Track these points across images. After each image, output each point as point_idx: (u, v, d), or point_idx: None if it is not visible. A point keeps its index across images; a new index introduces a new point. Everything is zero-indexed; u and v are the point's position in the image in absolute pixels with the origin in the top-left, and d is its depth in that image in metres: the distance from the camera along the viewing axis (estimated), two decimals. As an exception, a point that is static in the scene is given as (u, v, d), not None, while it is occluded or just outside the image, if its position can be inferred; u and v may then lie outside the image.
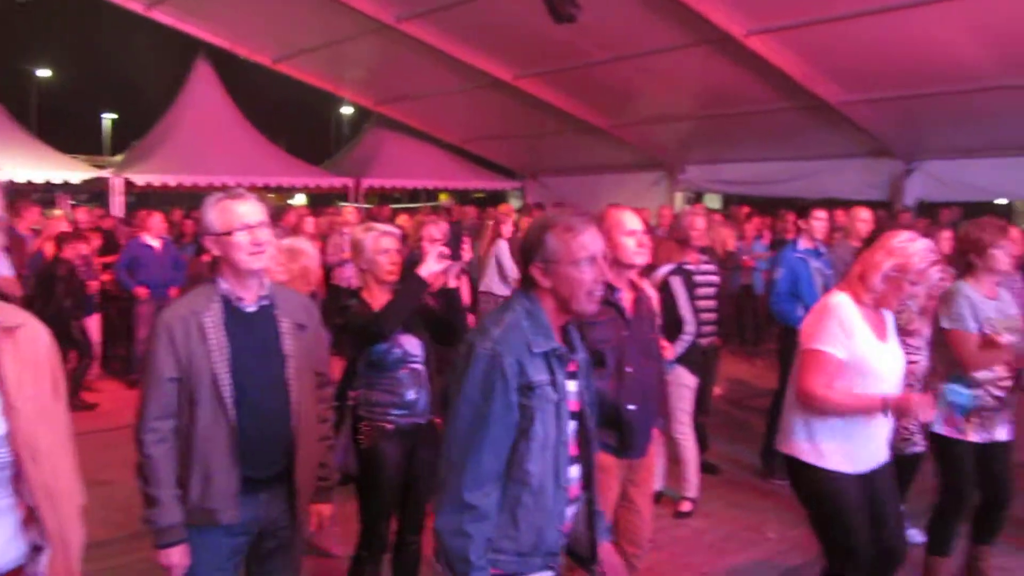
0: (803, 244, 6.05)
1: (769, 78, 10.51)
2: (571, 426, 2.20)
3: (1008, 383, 3.90)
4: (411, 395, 3.44)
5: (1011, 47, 8.88)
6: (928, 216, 10.97)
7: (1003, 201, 12.87)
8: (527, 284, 2.19)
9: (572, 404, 2.20)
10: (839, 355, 3.08)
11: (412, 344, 3.47)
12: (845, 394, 3.09)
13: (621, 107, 13.21)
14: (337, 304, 3.51)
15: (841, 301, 3.15)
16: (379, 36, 12.24)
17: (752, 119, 12.08)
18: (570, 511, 2.24)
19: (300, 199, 22.51)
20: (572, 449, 2.20)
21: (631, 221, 3.42)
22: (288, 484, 2.76)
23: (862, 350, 3.09)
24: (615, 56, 11.16)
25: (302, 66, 14.97)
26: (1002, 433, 3.93)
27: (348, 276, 8.97)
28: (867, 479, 3.21)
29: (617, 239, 3.34)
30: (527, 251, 2.18)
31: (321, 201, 19.80)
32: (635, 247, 3.38)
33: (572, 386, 2.21)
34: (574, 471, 2.22)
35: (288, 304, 2.83)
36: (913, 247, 3.09)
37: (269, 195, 16.25)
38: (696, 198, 15.12)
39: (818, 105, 11.03)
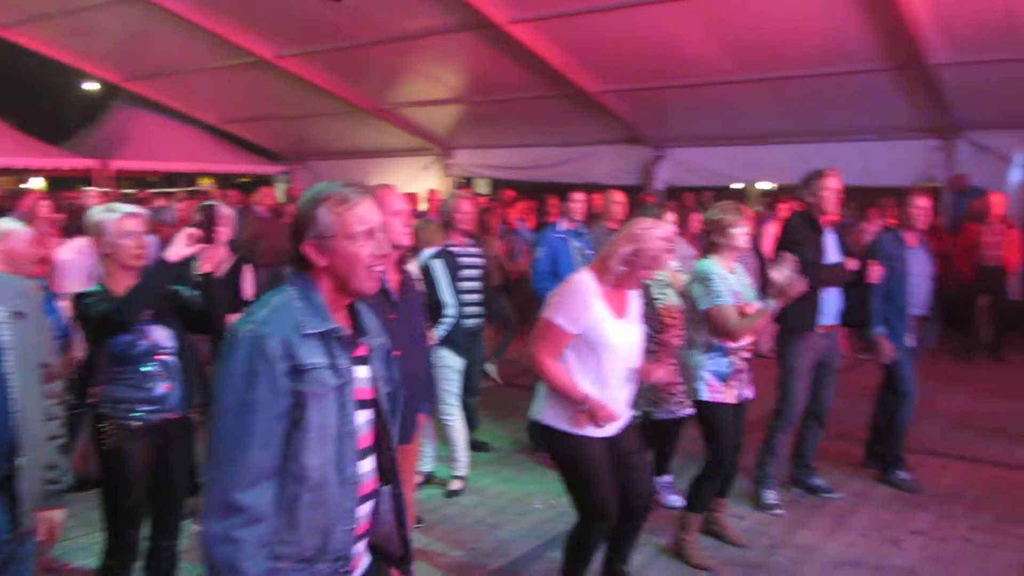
0: (563, 225, 6.33)
1: (533, 66, 10.86)
2: (362, 415, 2.03)
3: (751, 348, 4.32)
4: (160, 389, 3.19)
5: (742, 46, 9.79)
6: (676, 199, 11.84)
7: (739, 185, 14.16)
8: (300, 263, 2.01)
9: (363, 391, 2.04)
10: (569, 328, 3.27)
11: (161, 335, 3.22)
12: (561, 373, 3.30)
13: (388, 90, 13.13)
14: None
15: (583, 278, 3.34)
16: (127, 5, 11.30)
17: (518, 106, 12.45)
18: (364, 509, 2.05)
19: (38, 182, 20.36)
20: (364, 440, 2.04)
21: (397, 201, 3.37)
22: (8, 491, 2.46)
23: (597, 325, 3.28)
24: (380, 38, 11.05)
25: (36, 34, 13.50)
26: (749, 392, 4.34)
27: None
28: (613, 441, 3.42)
29: (383, 219, 3.27)
30: (298, 227, 1.99)
31: (64, 184, 18.04)
32: (401, 227, 3.34)
33: (362, 372, 2.05)
34: (366, 464, 2.04)
35: (2, 291, 2.52)
36: (650, 234, 3.30)
37: (-1, 177, 14.56)
38: (467, 183, 15.37)
39: (578, 94, 11.55)
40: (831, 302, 4.99)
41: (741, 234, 4.28)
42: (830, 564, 4.31)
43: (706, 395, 4.22)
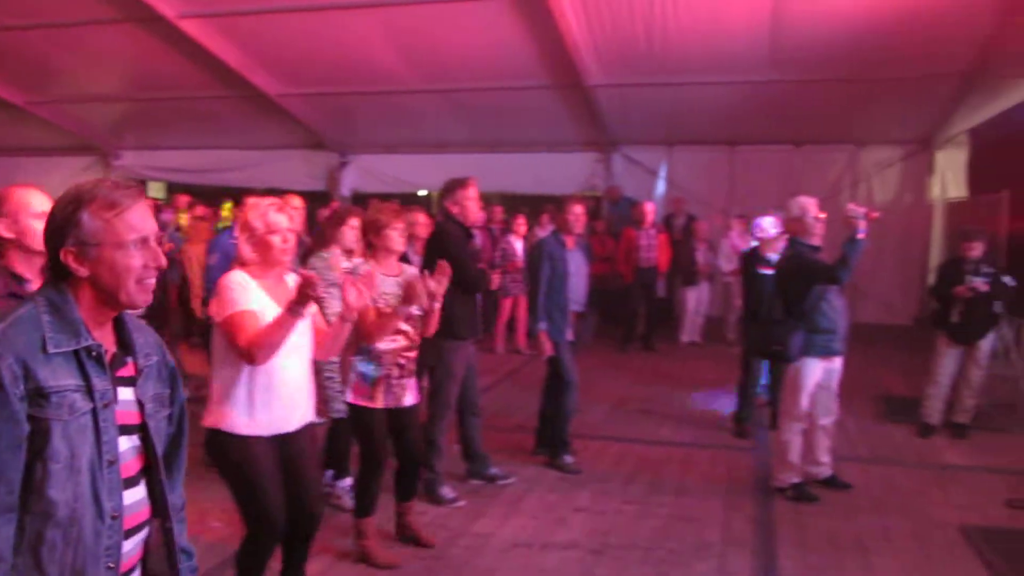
0: (238, 231, 6.08)
1: (208, 65, 10.32)
2: (125, 442, 1.81)
3: (411, 353, 4.33)
4: None
5: (421, 57, 10.09)
6: (362, 206, 11.90)
7: (424, 192, 14.57)
8: (56, 272, 1.76)
9: (127, 415, 1.81)
10: (253, 307, 3.17)
11: None
12: (265, 329, 3.13)
13: (40, 82, 11.77)
14: None
15: (232, 275, 3.26)
16: None
17: (192, 105, 11.77)
18: (131, 543, 1.84)
19: None
20: (128, 469, 1.81)
21: (39, 202, 3.02)
22: None
23: (262, 316, 3.19)
24: (30, 23, 9.88)
25: None
26: (409, 399, 4.34)
27: None
28: (281, 443, 3.32)
29: (24, 222, 2.91)
30: (55, 233, 1.74)
31: None
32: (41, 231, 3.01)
33: (127, 394, 1.82)
34: (133, 495, 1.83)
35: None
36: (253, 205, 3.31)
37: None
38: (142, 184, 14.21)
39: (257, 96, 11.19)
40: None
41: (397, 236, 4.27)
42: (504, 547, 4.57)
43: (349, 396, 4.23)
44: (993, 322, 6.69)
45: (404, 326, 4.20)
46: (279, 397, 3.27)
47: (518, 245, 10.02)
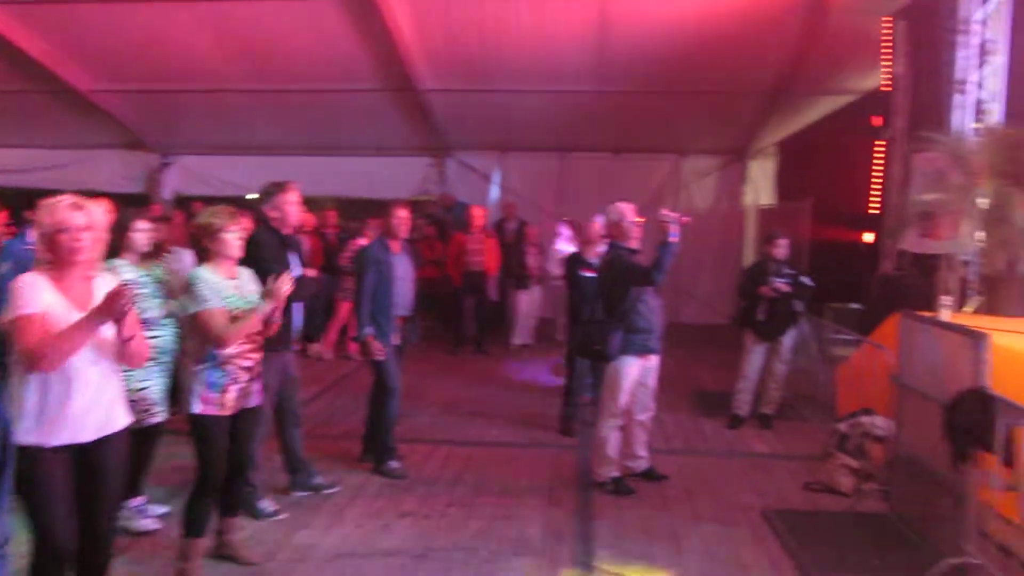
0: (32, 236, 5.66)
1: (9, 57, 9.57)
2: None
3: (257, 355, 4.19)
4: None
5: (247, 56, 9.77)
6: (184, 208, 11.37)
7: (253, 196, 14.07)
8: None
9: None
10: (42, 309, 2.98)
11: None
12: (57, 334, 2.96)
13: None
14: None
15: (23, 276, 3.05)
16: None
17: (-7, 100, 10.88)
18: None
19: None
20: None
21: None
22: None
23: (52, 319, 3.00)
24: None
25: None
26: (255, 400, 4.22)
27: None
28: (79, 456, 3.12)
29: None
30: None
31: None
32: None
33: None
34: None
35: None
36: (44, 204, 3.11)
37: None
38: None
39: (68, 91, 10.49)
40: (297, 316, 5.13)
41: (233, 239, 4.17)
42: (326, 558, 4.48)
43: (198, 408, 4.06)
44: (794, 319, 7.22)
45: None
46: (75, 406, 3.06)
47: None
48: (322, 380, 8.60)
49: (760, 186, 12.71)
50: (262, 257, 4.61)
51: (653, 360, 5.66)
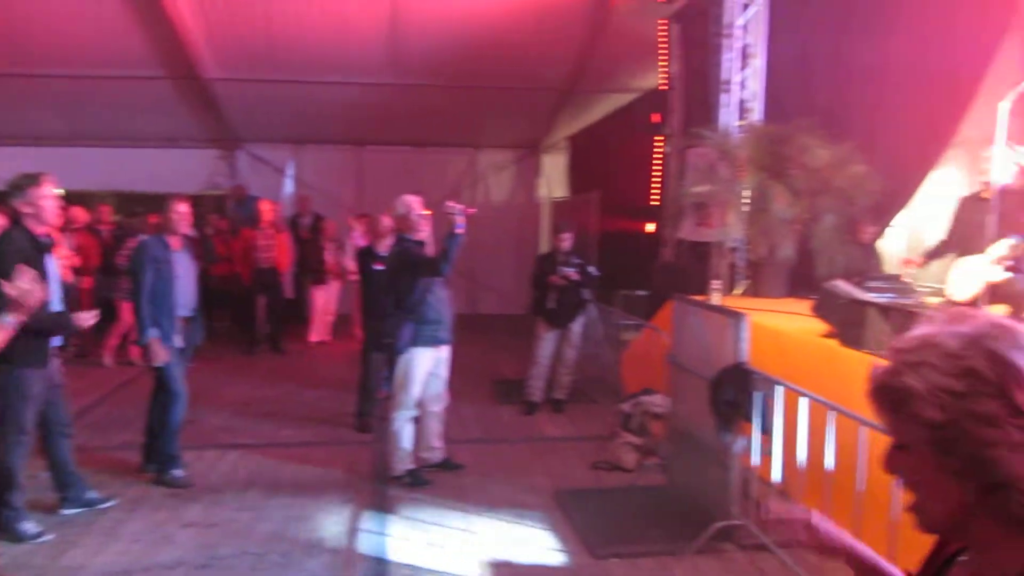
0: None
1: None
2: None
3: None
4: None
5: (7, 36, 8.88)
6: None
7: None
8: None
9: None
10: None
11: None
12: None
13: None
14: None
15: None
16: None
17: None
18: None
19: None
20: None
21: None
22: None
23: None
24: None
25: None
26: None
27: None
28: None
29: None
30: None
31: None
32: None
33: None
34: None
35: None
36: None
37: None
38: None
39: None
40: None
41: None
42: (97, 578, 4.18)
43: None
44: (582, 307, 7.52)
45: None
46: None
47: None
48: (101, 387, 8.01)
49: (553, 179, 13.15)
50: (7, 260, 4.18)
51: (444, 351, 5.70)
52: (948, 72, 7.78)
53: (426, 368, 5.57)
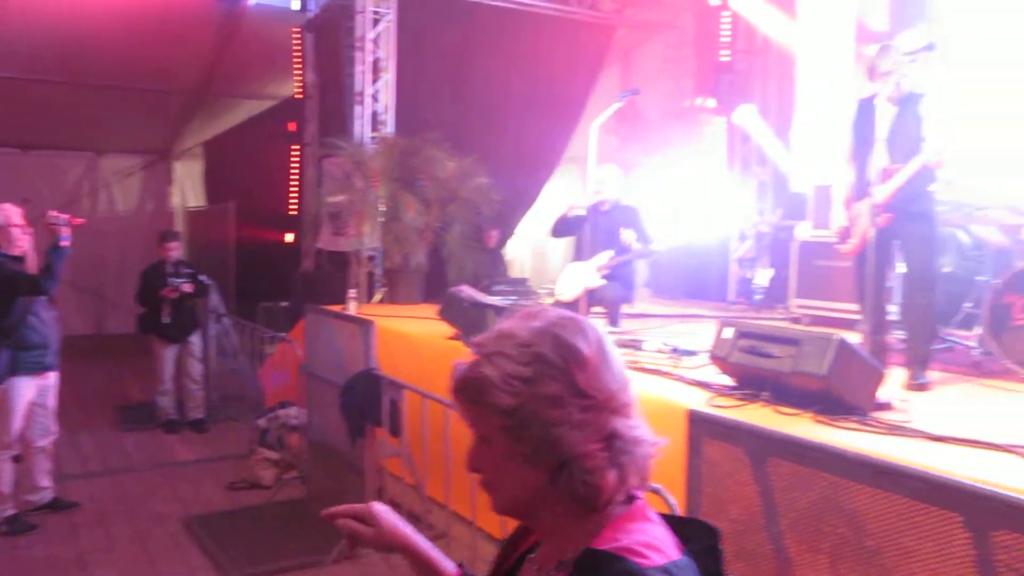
0: None
1: None
2: None
3: None
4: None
5: None
6: None
7: None
8: None
9: None
10: None
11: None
12: None
13: None
14: None
15: None
16: None
17: None
18: None
19: None
20: None
21: None
22: None
23: None
24: None
25: None
26: None
27: None
28: None
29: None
30: None
31: None
32: None
33: None
34: None
35: None
36: None
37: None
38: None
39: None
40: None
41: None
42: None
43: None
44: (199, 318, 7.17)
45: None
46: None
47: None
48: None
49: (188, 187, 12.42)
50: None
51: (51, 377, 5.11)
52: (558, 95, 8.69)
53: (28, 398, 4.94)
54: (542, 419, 1.08)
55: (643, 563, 1.03)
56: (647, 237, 5.70)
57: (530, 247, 11.17)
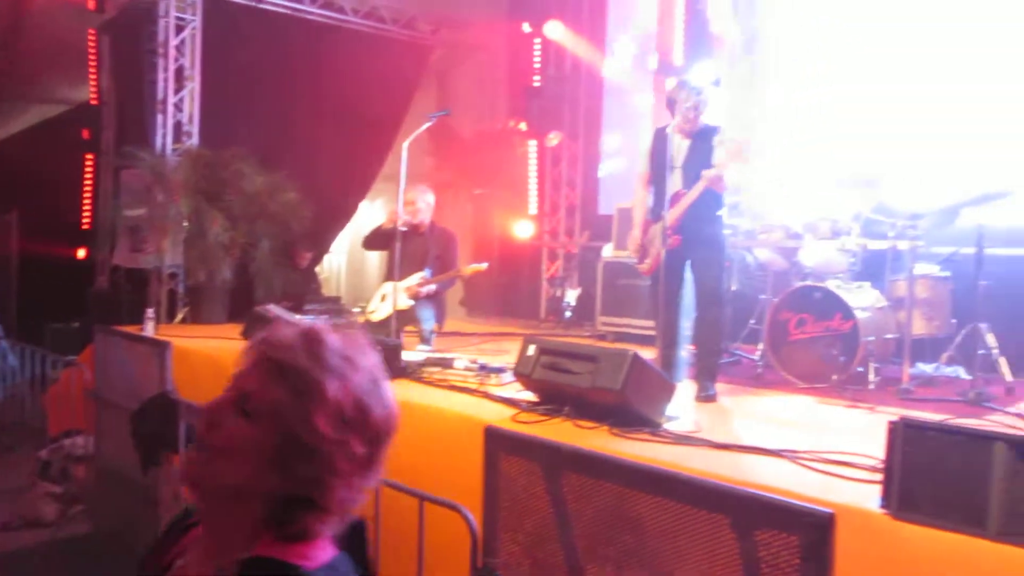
0: None
1: None
2: None
3: None
4: None
5: None
6: None
7: None
8: None
9: None
10: None
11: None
12: None
13: None
14: None
15: None
16: None
17: None
18: None
19: None
20: None
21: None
22: None
23: None
24: None
25: None
26: None
27: None
28: None
29: None
30: None
31: None
32: None
33: None
34: None
35: None
36: None
37: None
38: None
39: None
40: None
41: None
42: None
43: None
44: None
45: None
46: None
47: None
48: None
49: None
50: None
51: None
52: (373, 113, 8.62)
53: None
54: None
55: (307, 565, 1.07)
56: (456, 262, 5.82)
57: (346, 265, 11.01)
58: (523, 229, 9.01)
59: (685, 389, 4.31)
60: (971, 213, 4.77)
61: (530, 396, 3.80)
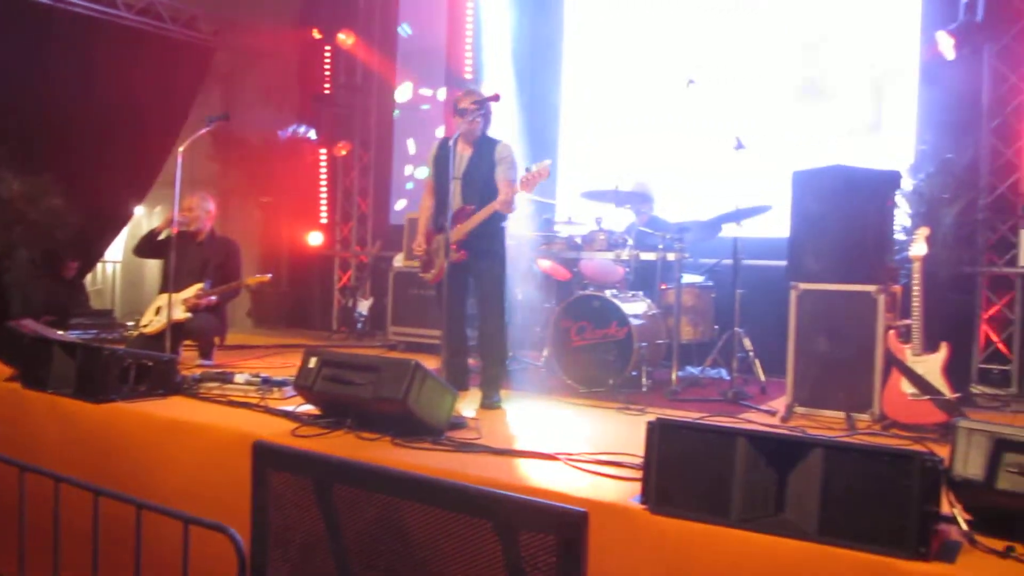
0: None
1: None
2: None
3: None
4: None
5: None
6: None
7: None
8: None
9: None
10: None
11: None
12: None
13: None
14: None
15: None
16: None
17: None
18: None
19: None
20: None
21: None
22: None
23: None
24: None
25: None
26: None
27: None
28: None
29: None
30: None
31: None
32: None
33: None
34: None
35: None
36: None
37: None
38: None
39: None
40: None
41: None
42: None
43: None
44: None
45: None
46: None
47: None
48: None
49: None
50: None
51: None
52: (151, 114, 8.09)
53: None
54: None
55: None
56: (239, 272, 5.61)
57: (122, 275, 10.28)
58: (314, 238, 8.82)
59: (470, 398, 4.39)
60: (729, 228, 5.22)
61: (312, 409, 3.71)
